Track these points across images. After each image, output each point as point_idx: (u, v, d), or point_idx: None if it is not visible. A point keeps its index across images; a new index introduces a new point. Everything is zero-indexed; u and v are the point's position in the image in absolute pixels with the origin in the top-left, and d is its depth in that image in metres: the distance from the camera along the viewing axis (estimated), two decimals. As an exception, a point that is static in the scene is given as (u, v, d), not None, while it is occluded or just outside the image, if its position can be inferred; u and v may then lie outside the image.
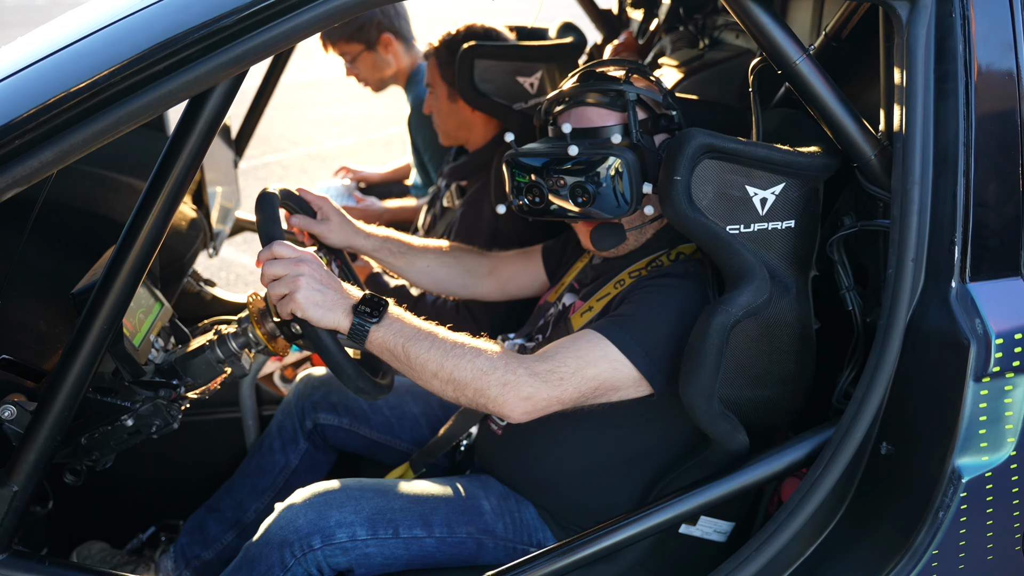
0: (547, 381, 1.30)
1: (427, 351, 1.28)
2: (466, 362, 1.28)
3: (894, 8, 1.18)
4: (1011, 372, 1.16)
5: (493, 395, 1.29)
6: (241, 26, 1.03)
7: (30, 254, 1.49)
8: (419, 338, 1.28)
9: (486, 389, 1.29)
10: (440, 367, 1.28)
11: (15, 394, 1.24)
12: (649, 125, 1.45)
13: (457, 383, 1.28)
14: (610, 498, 1.50)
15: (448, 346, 1.29)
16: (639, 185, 1.40)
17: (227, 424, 2.12)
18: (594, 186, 1.40)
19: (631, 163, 1.38)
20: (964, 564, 1.22)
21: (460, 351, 1.29)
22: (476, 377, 1.28)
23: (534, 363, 1.32)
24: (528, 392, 1.29)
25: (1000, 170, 1.18)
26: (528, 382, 1.29)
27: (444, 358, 1.28)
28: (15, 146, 0.99)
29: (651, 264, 1.51)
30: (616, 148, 1.40)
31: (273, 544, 1.44)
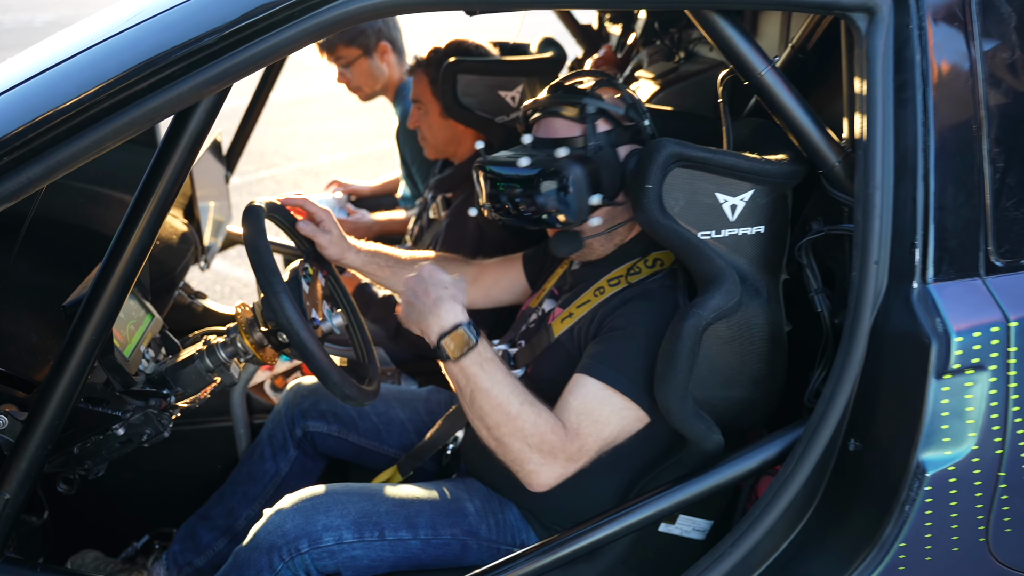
0: (577, 461, 1.41)
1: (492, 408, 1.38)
2: (518, 434, 1.38)
3: (853, 20, 1.20)
4: (971, 369, 1.17)
5: (529, 469, 1.40)
6: (222, 45, 1.04)
7: (21, 268, 1.50)
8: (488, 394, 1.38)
9: (526, 463, 1.40)
10: (496, 425, 1.39)
11: (6, 404, 1.25)
12: (613, 137, 1.47)
13: (503, 445, 1.41)
14: (591, 498, 1.50)
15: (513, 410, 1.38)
16: (584, 197, 1.41)
17: (219, 433, 2.12)
18: (540, 197, 1.44)
19: (576, 176, 1.40)
20: (931, 556, 1.23)
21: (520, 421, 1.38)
22: (521, 450, 1.39)
23: (568, 443, 1.40)
24: (560, 473, 1.41)
25: (958, 174, 1.20)
26: (563, 465, 1.40)
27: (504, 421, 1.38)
28: (3, 163, 1.00)
29: (630, 270, 1.52)
30: (561, 161, 1.42)
31: (262, 548, 1.44)
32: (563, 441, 1.40)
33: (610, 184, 1.44)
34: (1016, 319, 1.18)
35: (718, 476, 1.34)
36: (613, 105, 1.47)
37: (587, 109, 1.45)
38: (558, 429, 1.40)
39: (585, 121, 1.45)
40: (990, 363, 1.18)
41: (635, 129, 1.48)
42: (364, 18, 1.08)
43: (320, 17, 1.05)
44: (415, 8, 1.12)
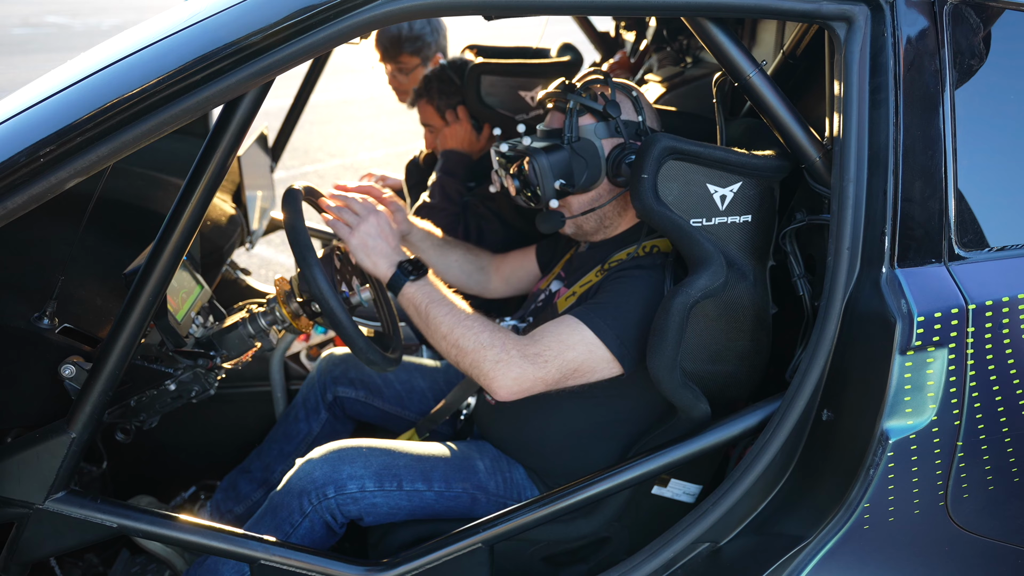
0: (534, 363, 1.41)
1: (444, 315, 1.41)
2: (472, 333, 1.40)
3: (833, 28, 1.25)
4: (932, 347, 1.22)
5: (486, 369, 1.40)
6: (267, 42, 1.11)
7: (88, 241, 1.59)
8: (441, 303, 1.42)
9: (481, 362, 1.39)
10: (450, 331, 1.40)
11: (74, 356, 1.33)
12: (598, 130, 1.52)
13: (460, 349, 1.40)
14: (589, 460, 1.57)
15: (462, 316, 1.41)
16: (548, 180, 1.49)
17: (258, 396, 2.21)
18: (516, 179, 1.54)
19: (540, 163, 1.49)
20: (893, 517, 1.28)
21: (469, 322, 1.41)
22: (476, 349, 1.39)
23: (525, 346, 1.41)
24: (516, 373, 1.40)
25: (925, 170, 1.24)
26: (518, 363, 1.40)
27: (455, 324, 1.40)
28: (77, 142, 1.08)
29: (629, 254, 1.59)
30: (529, 148, 1.51)
31: (293, 493, 1.53)
32: (519, 340, 1.42)
33: (583, 171, 1.51)
34: (975, 303, 1.23)
35: (703, 441, 1.39)
36: (596, 103, 1.52)
37: (568, 104, 1.52)
38: (511, 334, 1.44)
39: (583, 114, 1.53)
40: (949, 342, 1.22)
41: (625, 125, 1.53)
42: (390, 21, 1.15)
43: (351, 20, 1.12)
44: (438, 12, 1.19)
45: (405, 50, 2.87)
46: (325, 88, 2.73)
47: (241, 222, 2.19)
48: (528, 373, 1.40)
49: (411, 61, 2.91)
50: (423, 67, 2.93)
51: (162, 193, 1.95)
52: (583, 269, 1.64)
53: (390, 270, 1.45)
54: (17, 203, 1.10)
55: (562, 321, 1.46)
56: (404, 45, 2.85)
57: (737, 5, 1.22)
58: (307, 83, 2.60)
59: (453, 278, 1.91)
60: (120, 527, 1.29)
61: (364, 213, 1.49)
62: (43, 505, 1.26)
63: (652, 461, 1.39)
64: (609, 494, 1.41)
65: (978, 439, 1.27)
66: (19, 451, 1.26)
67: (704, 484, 1.58)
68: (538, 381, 1.42)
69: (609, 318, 1.44)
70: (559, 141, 1.52)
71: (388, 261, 1.46)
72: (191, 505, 2.01)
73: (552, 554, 1.59)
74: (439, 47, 2.93)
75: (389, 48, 2.88)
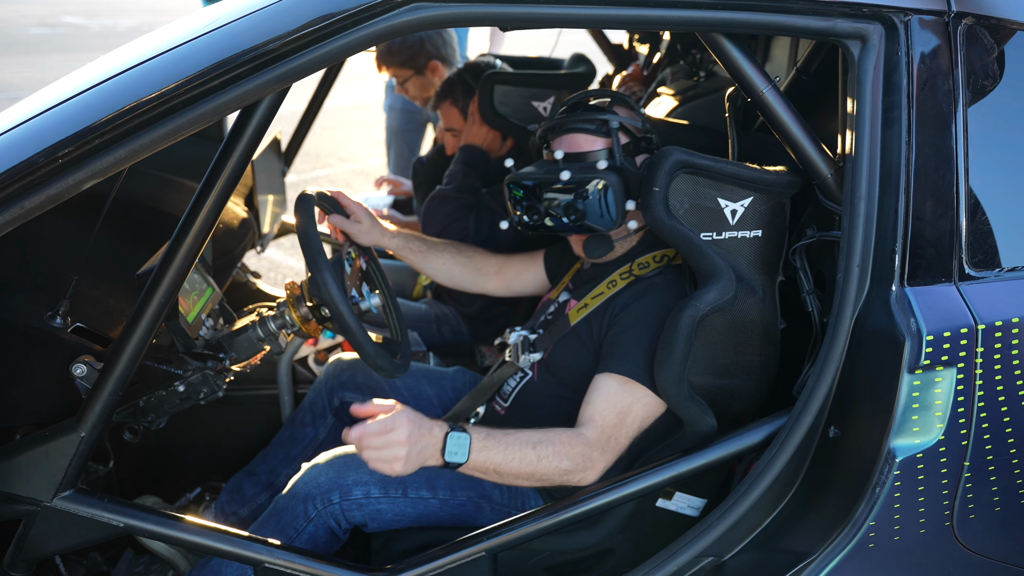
0: (612, 451, 1.46)
1: (516, 467, 1.40)
2: (552, 467, 1.41)
3: (847, 47, 1.26)
4: (940, 366, 1.21)
5: (576, 480, 1.44)
6: (284, 50, 1.12)
7: (102, 241, 1.60)
8: (505, 462, 1.39)
9: (570, 477, 1.44)
10: (530, 476, 1.41)
11: (85, 355, 1.34)
12: (631, 148, 1.54)
13: (544, 481, 1.42)
14: (595, 472, 1.57)
15: (532, 458, 1.40)
16: (623, 203, 1.49)
17: (266, 399, 2.22)
18: (583, 205, 1.50)
19: (615, 184, 1.48)
20: (899, 536, 1.28)
21: (542, 459, 1.40)
22: (562, 476, 1.42)
23: (594, 441, 1.44)
24: (602, 468, 1.45)
25: (936, 189, 1.24)
26: (599, 461, 1.44)
27: (533, 470, 1.41)
28: (95, 144, 1.09)
29: (639, 265, 1.59)
30: (602, 172, 1.49)
31: (298, 498, 1.53)
32: (589, 444, 1.44)
33: (636, 190, 1.51)
34: (985, 323, 1.23)
35: (709, 455, 1.40)
36: (631, 119, 1.54)
37: (611, 124, 1.52)
38: (580, 439, 1.44)
39: (609, 135, 1.52)
40: (958, 361, 1.22)
41: (647, 140, 1.55)
42: (406, 31, 1.16)
43: (368, 29, 1.13)
44: (455, 22, 1.20)
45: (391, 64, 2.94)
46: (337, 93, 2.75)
47: (253, 226, 2.21)
48: (611, 459, 1.46)
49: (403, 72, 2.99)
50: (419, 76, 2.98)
51: (176, 195, 1.96)
52: (592, 282, 1.64)
53: (441, 458, 1.35)
54: (34, 203, 1.11)
55: (608, 388, 1.47)
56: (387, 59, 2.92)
57: (751, 22, 1.23)
58: (321, 89, 2.62)
59: (445, 279, 1.91)
60: (126, 527, 1.30)
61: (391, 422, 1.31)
62: (51, 503, 1.27)
63: (657, 474, 1.39)
64: (613, 506, 1.41)
65: (985, 459, 1.26)
66: (28, 448, 1.27)
67: (709, 498, 1.58)
68: (617, 457, 1.47)
69: (646, 362, 1.46)
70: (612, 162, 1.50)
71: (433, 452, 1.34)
72: (196, 506, 2.01)
73: (555, 564, 1.59)
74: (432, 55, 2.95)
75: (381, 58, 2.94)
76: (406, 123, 4.05)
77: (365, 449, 1.32)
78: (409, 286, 2.67)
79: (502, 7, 1.17)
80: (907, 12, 1.23)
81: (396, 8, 1.13)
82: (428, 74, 2.99)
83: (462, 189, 2.24)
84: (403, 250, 1.83)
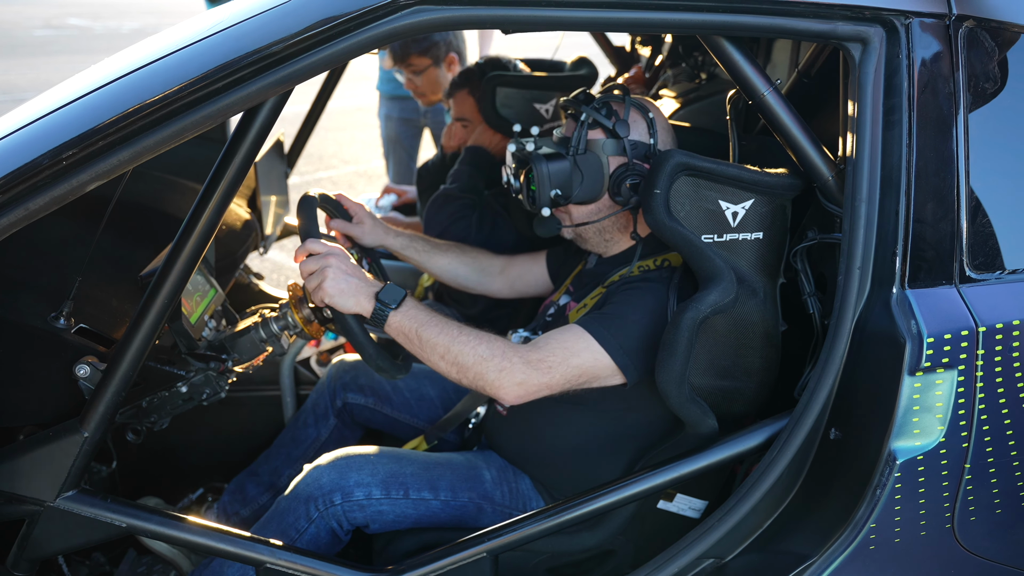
0: (538, 368, 1.40)
1: (437, 336, 1.38)
2: (469, 348, 1.38)
3: (848, 49, 1.26)
4: (941, 368, 1.22)
5: (491, 379, 1.38)
6: (287, 52, 1.13)
7: (106, 243, 1.61)
8: (431, 324, 1.39)
9: (485, 373, 1.38)
10: (447, 351, 1.38)
11: (89, 356, 1.35)
12: (606, 146, 1.53)
13: (460, 366, 1.38)
14: (596, 473, 1.57)
15: (455, 333, 1.39)
16: (544, 188, 1.51)
17: (268, 401, 2.23)
18: (516, 181, 1.56)
19: (541, 170, 1.50)
20: (899, 538, 1.28)
21: (465, 338, 1.39)
22: (477, 362, 1.38)
23: (527, 352, 1.41)
24: (521, 378, 1.39)
25: (937, 192, 1.25)
26: (521, 369, 1.39)
27: (451, 343, 1.38)
28: (99, 146, 1.09)
29: (640, 268, 1.59)
30: (533, 155, 1.52)
31: (300, 498, 1.54)
32: (516, 350, 1.40)
33: (581, 184, 1.52)
34: (985, 325, 1.23)
35: (710, 457, 1.40)
36: (607, 119, 1.53)
37: (581, 116, 1.53)
38: (510, 343, 1.42)
39: (594, 127, 1.54)
40: (959, 364, 1.22)
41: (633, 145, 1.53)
42: (409, 33, 1.16)
43: (371, 32, 1.13)
44: (456, 25, 1.20)
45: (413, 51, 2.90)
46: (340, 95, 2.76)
47: (255, 227, 2.22)
48: (532, 378, 1.40)
49: (421, 62, 2.93)
50: (436, 68, 2.95)
51: (180, 197, 1.97)
52: (592, 284, 1.64)
53: (370, 303, 1.38)
54: (39, 204, 1.11)
55: (567, 329, 1.47)
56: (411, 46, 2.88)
57: (753, 25, 1.23)
58: (324, 91, 2.62)
59: (449, 280, 1.92)
60: (129, 527, 1.30)
61: (323, 253, 1.40)
62: (54, 503, 1.27)
63: (658, 475, 1.40)
64: (615, 507, 1.41)
65: (986, 462, 1.26)
66: (32, 449, 1.27)
67: (710, 500, 1.58)
68: (543, 386, 1.42)
69: (613, 328, 1.45)
70: (564, 151, 1.53)
71: (365, 295, 1.38)
72: (198, 507, 2.02)
73: (556, 566, 1.60)
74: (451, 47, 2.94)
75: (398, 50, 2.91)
76: (404, 130, 4.04)
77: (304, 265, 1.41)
78: (411, 287, 2.67)
79: (504, 10, 1.18)
80: (908, 15, 1.23)
81: (399, 11, 1.13)
82: (445, 67, 2.97)
83: (466, 189, 2.24)
84: (407, 249, 1.84)
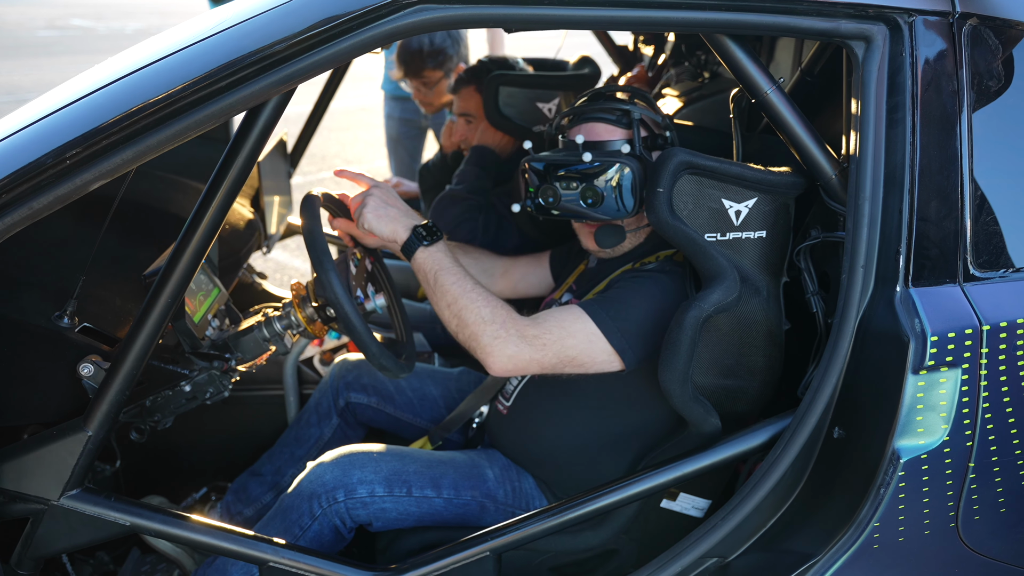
0: (532, 344, 1.40)
1: (451, 284, 1.41)
2: (475, 306, 1.40)
3: (852, 48, 1.26)
4: (944, 367, 1.21)
5: (484, 343, 1.39)
6: (290, 51, 1.13)
7: (109, 242, 1.61)
8: (450, 271, 1.42)
9: (480, 335, 1.40)
10: (455, 300, 1.40)
11: (92, 355, 1.35)
12: (649, 142, 1.54)
13: (461, 320, 1.40)
14: (599, 472, 1.57)
15: (468, 287, 1.41)
16: (640, 192, 1.49)
17: (271, 400, 2.22)
18: (602, 189, 1.50)
19: (635, 171, 1.48)
20: (903, 537, 1.27)
21: (474, 295, 1.41)
22: (476, 322, 1.39)
23: (526, 327, 1.41)
24: (513, 351, 1.39)
25: (941, 190, 1.24)
26: (515, 341, 1.39)
27: (460, 295, 1.41)
28: (102, 145, 1.09)
29: (643, 264, 1.59)
30: (624, 157, 1.50)
31: (303, 496, 1.54)
32: (517, 321, 1.41)
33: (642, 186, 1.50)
34: (990, 324, 1.22)
35: (713, 456, 1.40)
36: (650, 113, 1.54)
37: (632, 115, 1.52)
38: (513, 313, 1.43)
39: (631, 126, 1.53)
40: (963, 362, 1.22)
41: (664, 137, 1.56)
42: (412, 32, 1.16)
43: (374, 31, 1.14)
44: (459, 24, 1.20)
45: (428, 65, 2.92)
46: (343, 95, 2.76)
47: (259, 226, 2.22)
48: (524, 353, 1.40)
49: (435, 75, 2.97)
50: (447, 79, 2.97)
51: (183, 196, 1.97)
52: (594, 282, 1.64)
53: (405, 232, 1.44)
54: (42, 204, 1.12)
55: (567, 309, 1.47)
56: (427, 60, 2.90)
57: (755, 23, 1.23)
58: (327, 90, 2.62)
59: None
60: (133, 525, 1.31)
61: (371, 185, 1.51)
62: (58, 502, 1.28)
63: (662, 474, 1.39)
64: (618, 506, 1.41)
65: (990, 460, 1.26)
66: (36, 448, 1.27)
67: (713, 499, 1.58)
68: (533, 362, 1.41)
69: (613, 311, 1.44)
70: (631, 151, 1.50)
71: (403, 225, 1.45)
72: (202, 506, 2.02)
73: (559, 565, 1.60)
74: (461, 57, 2.98)
75: (412, 64, 2.93)
76: (405, 131, 4.07)
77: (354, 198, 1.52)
78: (414, 287, 2.67)
79: (507, 9, 1.18)
80: (911, 13, 1.23)
81: (402, 9, 1.13)
82: (452, 77, 3.00)
83: (473, 190, 2.24)
84: None
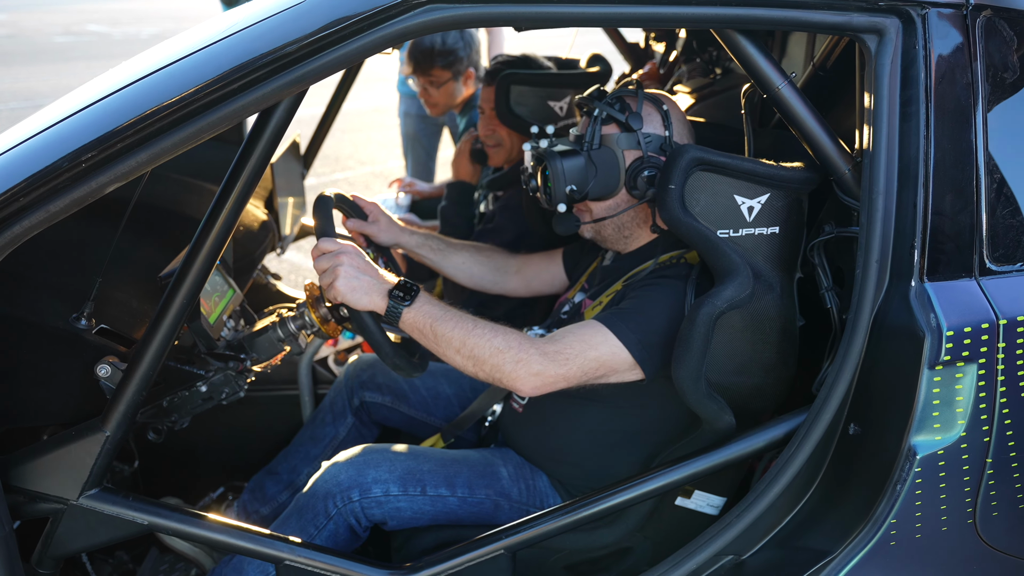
0: (555, 360, 1.38)
1: (451, 330, 1.37)
2: (484, 341, 1.37)
3: (864, 41, 1.25)
4: (961, 361, 1.20)
5: (508, 370, 1.37)
6: (301, 53, 1.13)
7: (125, 244, 1.63)
8: (445, 319, 1.38)
9: (501, 365, 1.37)
10: (462, 344, 1.37)
11: (110, 356, 1.37)
12: (621, 140, 1.52)
13: (476, 359, 1.37)
14: (613, 470, 1.57)
15: (470, 326, 1.38)
16: (560, 185, 1.49)
17: (286, 400, 2.24)
18: (532, 179, 1.56)
19: (557, 167, 1.49)
20: (920, 533, 1.26)
21: (480, 331, 1.38)
22: (493, 354, 1.37)
23: (544, 344, 1.40)
24: (538, 369, 1.37)
25: (955, 183, 1.23)
26: (538, 360, 1.37)
27: (466, 337, 1.37)
28: (117, 148, 1.10)
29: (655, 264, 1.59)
30: (547, 152, 1.51)
31: (319, 495, 1.55)
32: (533, 343, 1.39)
33: (597, 179, 1.51)
34: (1006, 318, 1.21)
35: (728, 453, 1.39)
36: (620, 113, 1.52)
37: (594, 112, 1.52)
38: (526, 336, 1.41)
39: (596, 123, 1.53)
40: (979, 357, 1.21)
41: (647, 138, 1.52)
42: (423, 32, 1.17)
43: (385, 31, 1.14)
44: (470, 23, 1.20)
45: (438, 64, 2.92)
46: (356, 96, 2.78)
47: (273, 228, 2.23)
48: (549, 369, 1.38)
49: (443, 75, 2.96)
50: (454, 81, 2.98)
51: (197, 198, 1.99)
52: (607, 281, 1.64)
53: (383, 300, 1.37)
54: (59, 207, 1.13)
55: (585, 324, 1.47)
56: (437, 59, 2.90)
57: (767, 18, 1.22)
58: (339, 92, 2.63)
59: (465, 279, 1.92)
60: (151, 525, 1.32)
61: (336, 251, 1.39)
62: (77, 501, 1.29)
63: (676, 472, 1.39)
64: (632, 504, 1.41)
65: (1008, 456, 1.25)
66: (55, 448, 1.29)
67: (728, 496, 1.57)
68: (559, 378, 1.40)
69: (632, 323, 1.44)
70: (578, 147, 1.52)
71: (379, 293, 1.37)
72: (218, 505, 2.04)
73: (573, 563, 1.60)
74: (471, 62, 2.98)
75: (422, 61, 2.93)
76: (422, 128, 4.06)
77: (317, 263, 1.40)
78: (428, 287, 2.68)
79: (518, 7, 1.18)
80: (924, 5, 1.22)
81: (413, 9, 1.13)
82: (462, 81, 3.01)
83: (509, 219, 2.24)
84: (421, 248, 1.84)
